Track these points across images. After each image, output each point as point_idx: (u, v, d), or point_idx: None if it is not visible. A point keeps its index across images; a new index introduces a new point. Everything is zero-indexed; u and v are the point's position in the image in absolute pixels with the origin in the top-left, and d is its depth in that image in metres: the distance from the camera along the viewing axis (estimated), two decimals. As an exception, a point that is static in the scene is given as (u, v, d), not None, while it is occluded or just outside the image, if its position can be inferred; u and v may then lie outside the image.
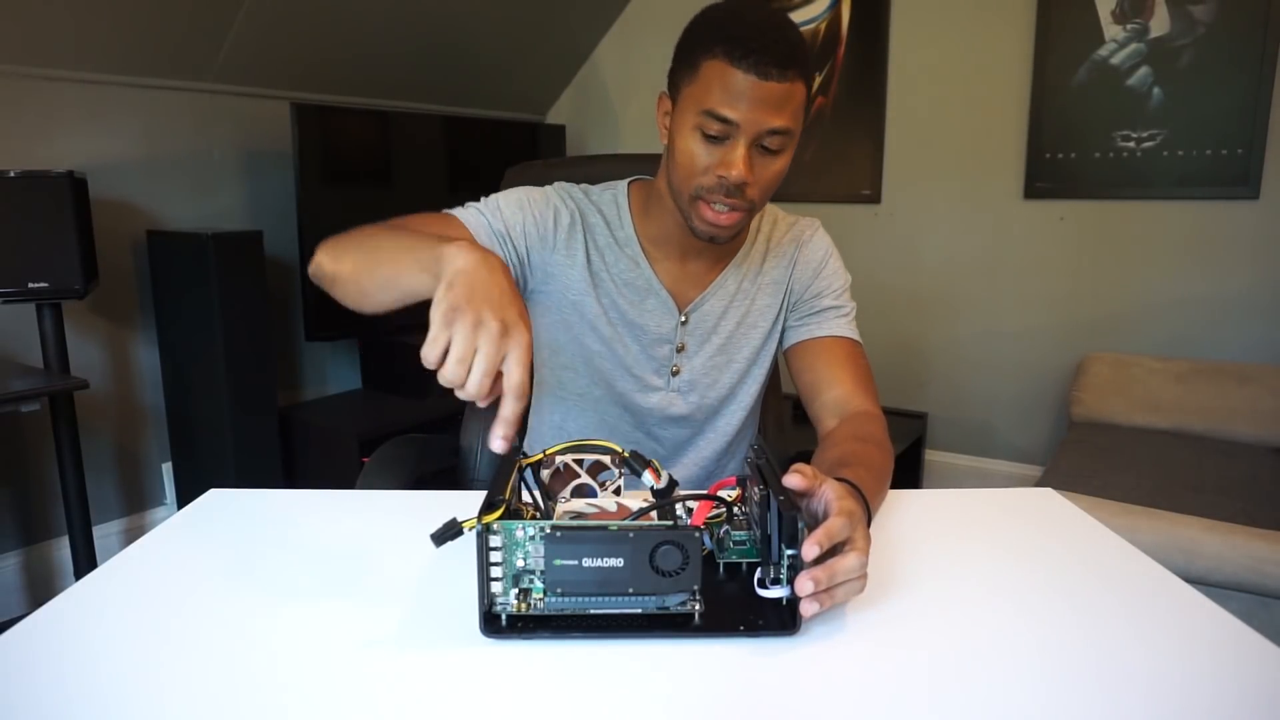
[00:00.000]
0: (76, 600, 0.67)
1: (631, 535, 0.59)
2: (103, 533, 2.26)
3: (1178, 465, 2.05)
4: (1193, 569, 1.64)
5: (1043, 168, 2.66)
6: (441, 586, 0.70)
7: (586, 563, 0.59)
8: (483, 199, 1.04)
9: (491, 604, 0.60)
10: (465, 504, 0.89)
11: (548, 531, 0.59)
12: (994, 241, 2.79)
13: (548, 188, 1.07)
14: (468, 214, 1.00)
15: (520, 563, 0.60)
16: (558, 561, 0.59)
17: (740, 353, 1.09)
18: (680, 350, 1.07)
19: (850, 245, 3.01)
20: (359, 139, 2.66)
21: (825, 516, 0.66)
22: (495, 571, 0.60)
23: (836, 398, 1.04)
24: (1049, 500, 0.91)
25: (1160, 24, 2.44)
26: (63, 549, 2.17)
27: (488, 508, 0.60)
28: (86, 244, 1.91)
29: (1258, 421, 2.26)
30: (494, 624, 0.61)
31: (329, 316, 2.61)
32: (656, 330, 1.06)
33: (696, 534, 0.60)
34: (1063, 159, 2.62)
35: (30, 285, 1.83)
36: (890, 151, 2.92)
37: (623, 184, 1.10)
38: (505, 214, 1.01)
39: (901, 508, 0.88)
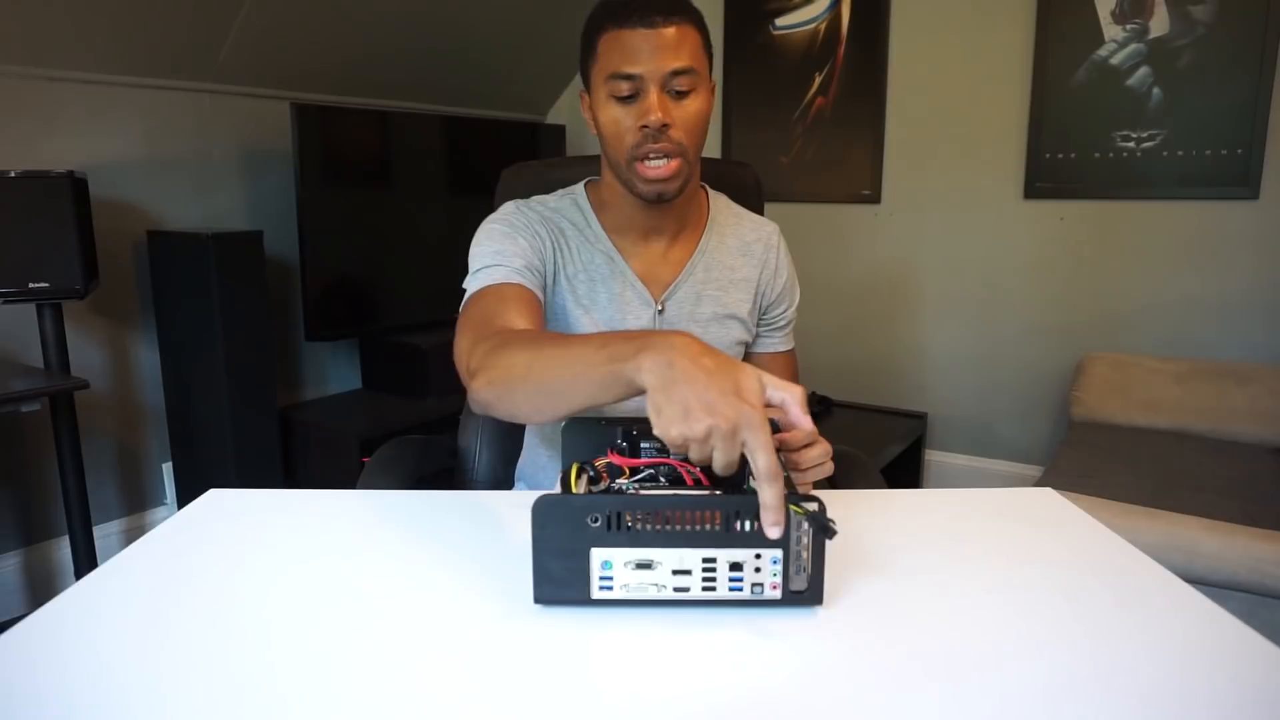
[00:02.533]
0: (76, 600, 0.67)
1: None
2: (103, 533, 2.26)
3: (1178, 465, 2.05)
4: (1193, 569, 1.64)
5: (1043, 168, 2.66)
6: (443, 586, 0.70)
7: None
8: (477, 254, 0.99)
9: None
10: (467, 504, 0.89)
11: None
12: (994, 241, 2.79)
13: (507, 209, 1.05)
14: (495, 276, 0.95)
15: None
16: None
17: (720, 343, 1.12)
18: None
19: (850, 245, 3.04)
20: (359, 139, 2.66)
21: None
22: None
23: None
24: (1049, 500, 0.91)
25: (1160, 24, 2.44)
26: (63, 549, 2.17)
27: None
28: (87, 244, 1.91)
29: (1258, 421, 2.26)
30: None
31: (329, 316, 2.61)
32: (636, 323, 1.08)
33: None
34: (1063, 159, 2.62)
35: (30, 285, 1.83)
36: (890, 151, 2.92)
37: (578, 186, 1.12)
38: (520, 250, 0.98)
39: (902, 508, 0.88)
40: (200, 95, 2.42)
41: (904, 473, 2.88)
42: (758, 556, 0.63)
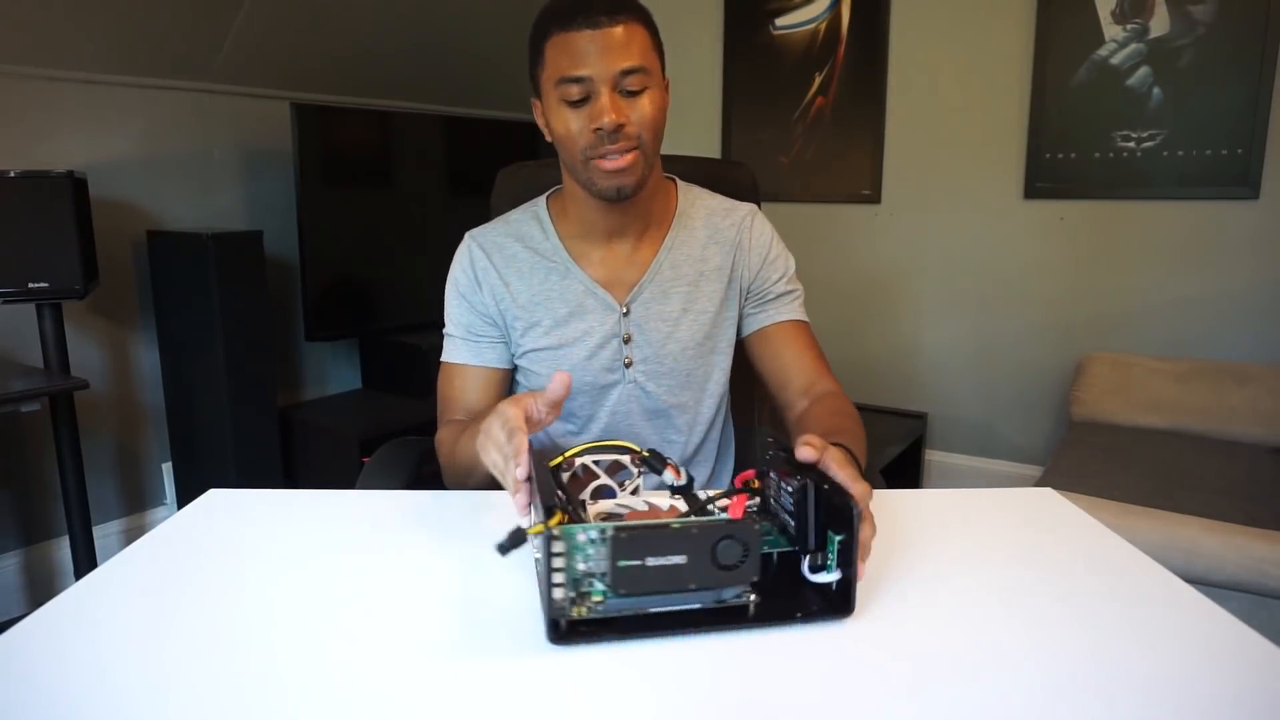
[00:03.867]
0: (76, 600, 0.67)
1: (695, 531, 0.59)
2: (103, 533, 2.25)
3: (1178, 465, 2.05)
4: (1193, 569, 1.64)
5: (1043, 168, 2.66)
6: (444, 587, 0.70)
7: (651, 562, 0.59)
8: (446, 310, 1.11)
9: (559, 609, 0.60)
10: (467, 504, 0.89)
11: (611, 534, 0.58)
12: (994, 241, 2.79)
13: (460, 248, 1.11)
14: (452, 350, 1.09)
15: (581, 566, 0.59)
16: (623, 563, 0.59)
17: (692, 339, 1.10)
18: (627, 341, 1.08)
19: (850, 245, 3.04)
20: (359, 139, 2.66)
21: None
22: (557, 577, 0.59)
23: (805, 383, 1.10)
24: (1049, 500, 0.91)
25: (1160, 24, 2.44)
26: (63, 549, 2.17)
27: (547, 513, 0.60)
28: (86, 244, 1.91)
29: (1258, 421, 2.26)
30: (558, 629, 0.61)
31: (329, 316, 2.61)
32: (601, 329, 1.07)
33: (757, 527, 0.61)
34: (1063, 159, 2.62)
35: (30, 285, 1.83)
36: (890, 151, 2.92)
37: (541, 198, 1.12)
38: (465, 316, 1.08)
39: (902, 508, 0.88)
40: (200, 95, 2.42)
41: (904, 473, 2.88)
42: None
